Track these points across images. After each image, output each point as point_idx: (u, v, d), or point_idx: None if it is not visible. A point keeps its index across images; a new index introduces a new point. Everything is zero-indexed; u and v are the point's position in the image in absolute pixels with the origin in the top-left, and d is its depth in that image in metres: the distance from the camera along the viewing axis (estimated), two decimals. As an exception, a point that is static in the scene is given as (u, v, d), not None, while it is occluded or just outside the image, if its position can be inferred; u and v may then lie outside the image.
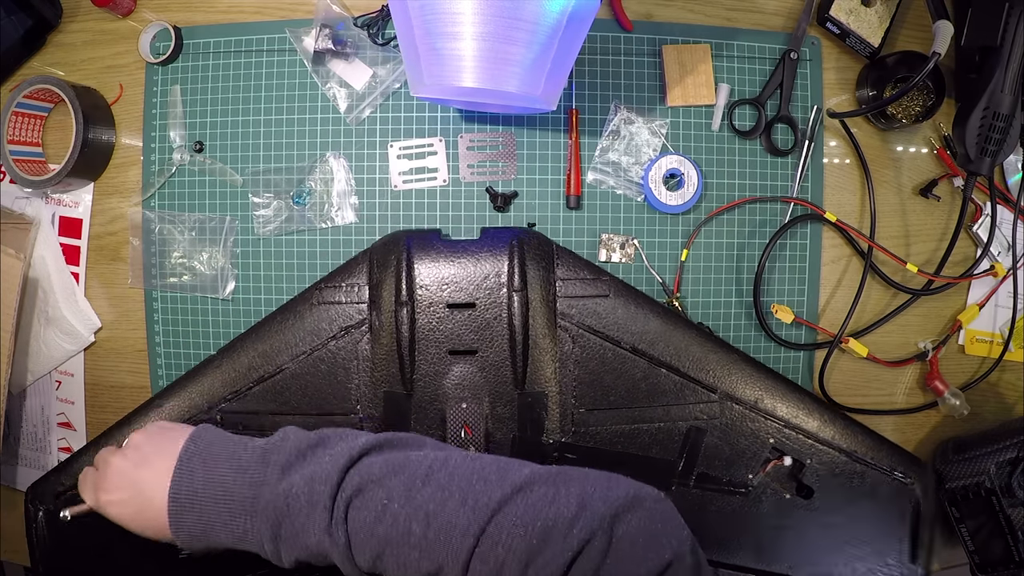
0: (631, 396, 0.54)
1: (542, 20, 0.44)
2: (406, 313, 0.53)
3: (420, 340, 0.53)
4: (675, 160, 0.61)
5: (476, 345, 0.53)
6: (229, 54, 0.63)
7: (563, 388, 0.54)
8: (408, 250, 0.54)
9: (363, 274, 0.55)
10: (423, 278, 0.53)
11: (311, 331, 0.55)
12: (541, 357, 0.54)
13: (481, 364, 0.54)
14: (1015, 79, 0.56)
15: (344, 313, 0.55)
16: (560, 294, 0.55)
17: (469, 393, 0.53)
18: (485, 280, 0.53)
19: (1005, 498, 0.58)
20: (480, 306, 0.53)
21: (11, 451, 0.68)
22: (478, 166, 0.63)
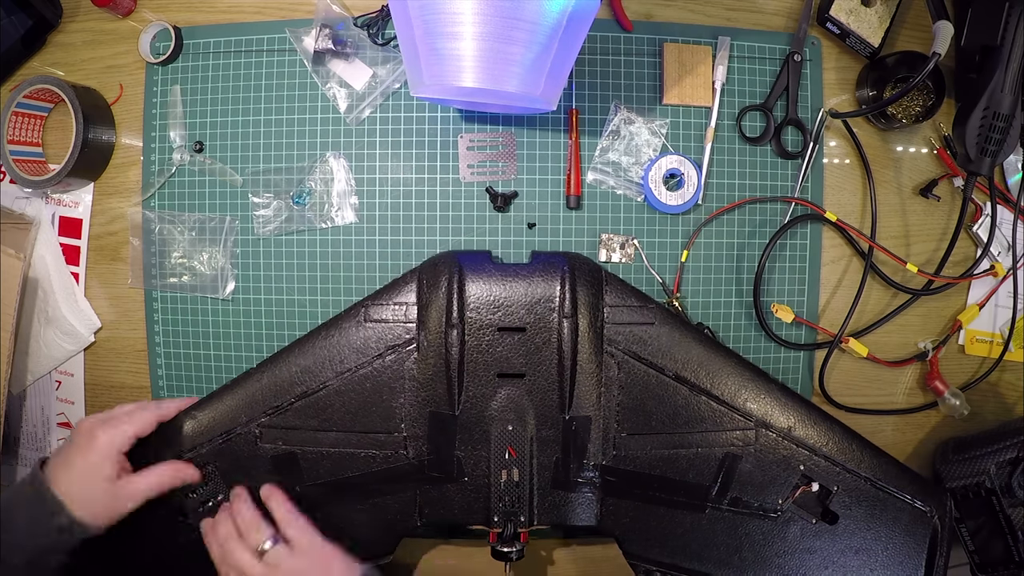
0: (672, 422, 0.55)
1: (542, 20, 0.44)
2: (456, 335, 0.53)
3: (469, 362, 0.54)
4: (675, 160, 0.61)
5: (524, 369, 0.54)
6: (229, 54, 0.63)
7: (606, 412, 0.55)
8: (460, 272, 0.54)
9: (411, 293, 0.55)
10: (474, 300, 0.54)
11: (357, 349, 0.54)
12: (586, 381, 0.54)
13: (528, 387, 0.54)
14: (1015, 79, 0.56)
15: (391, 332, 0.54)
16: (608, 320, 0.55)
17: (515, 415, 0.54)
18: (536, 305, 0.54)
19: (1005, 498, 0.58)
20: (530, 331, 0.54)
21: (11, 451, 0.68)
22: (478, 166, 0.63)
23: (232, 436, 0.54)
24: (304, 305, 0.63)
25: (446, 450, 0.54)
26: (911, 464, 0.68)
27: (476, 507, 0.54)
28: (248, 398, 0.54)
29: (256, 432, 0.54)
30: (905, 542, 0.55)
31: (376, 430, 0.54)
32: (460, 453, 0.54)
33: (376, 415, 0.54)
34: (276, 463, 0.54)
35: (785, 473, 0.55)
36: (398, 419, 0.54)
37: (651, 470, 0.55)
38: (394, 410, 0.54)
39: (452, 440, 0.54)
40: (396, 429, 0.54)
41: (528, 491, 0.54)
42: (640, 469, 0.55)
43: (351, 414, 0.54)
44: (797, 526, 0.55)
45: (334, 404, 0.54)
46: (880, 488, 0.55)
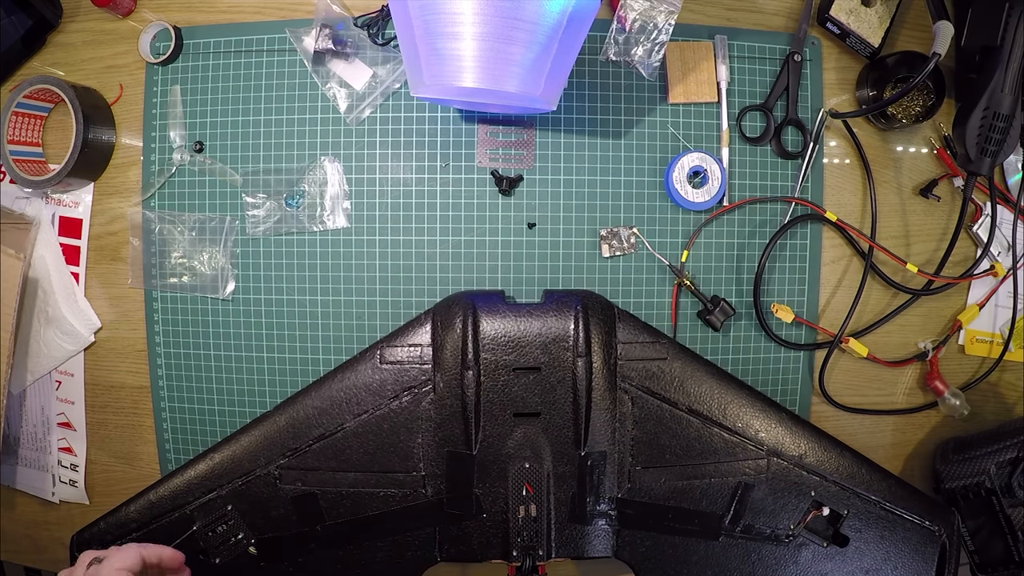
0: (686, 454, 0.56)
1: (542, 20, 0.44)
2: (472, 376, 0.54)
3: (484, 402, 0.54)
4: (697, 158, 0.61)
5: (540, 408, 0.54)
6: (229, 54, 0.63)
7: (621, 447, 0.56)
8: (474, 313, 0.55)
9: (426, 335, 0.56)
10: (489, 342, 0.54)
11: (374, 391, 0.55)
12: (601, 417, 0.55)
13: (545, 426, 0.55)
14: (1015, 79, 0.56)
15: (407, 374, 0.55)
16: (621, 357, 0.56)
17: (531, 453, 0.54)
18: (551, 345, 0.54)
19: (1005, 498, 0.58)
20: (545, 370, 0.54)
21: (11, 451, 0.69)
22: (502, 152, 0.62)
23: (252, 478, 0.54)
24: (304, 305, 0.63)
25: (464, 488, 0.54)
26: (911, 464, 0.68)
27: (495, 542, 0.54)
28: (266, 440, 0.55)
29: (276, 474, 0.55)
30: (914, 561, 0.56)
31: (394, 470, 0.55)
32: (478, 491, 0.54)
33: (394, 455, 0.55)
34: (296, 504, 0.54)
35: (796, 499, 0.56)
36: (416, 459, 0.55)
37: (665, 501, 0.56)
38: (412, 450, 0.55)
39: (470, 478, 0.54)
40: (415, 468, 0.55)
41: (546, 526, 0.54)
42: (655, 501, 0.56)
43: (369, 455, 0.55)
44: (809, 550, 0.55)
45: (352, 445, 0.55)
46: (889, 510, 0.56)
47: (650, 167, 0.63)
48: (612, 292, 0.63)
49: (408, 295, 0.63)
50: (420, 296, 0.63)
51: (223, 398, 0.64)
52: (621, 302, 0.63)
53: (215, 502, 0.54)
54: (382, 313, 0.63)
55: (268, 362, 0.64)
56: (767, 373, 0.65)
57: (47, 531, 0.69)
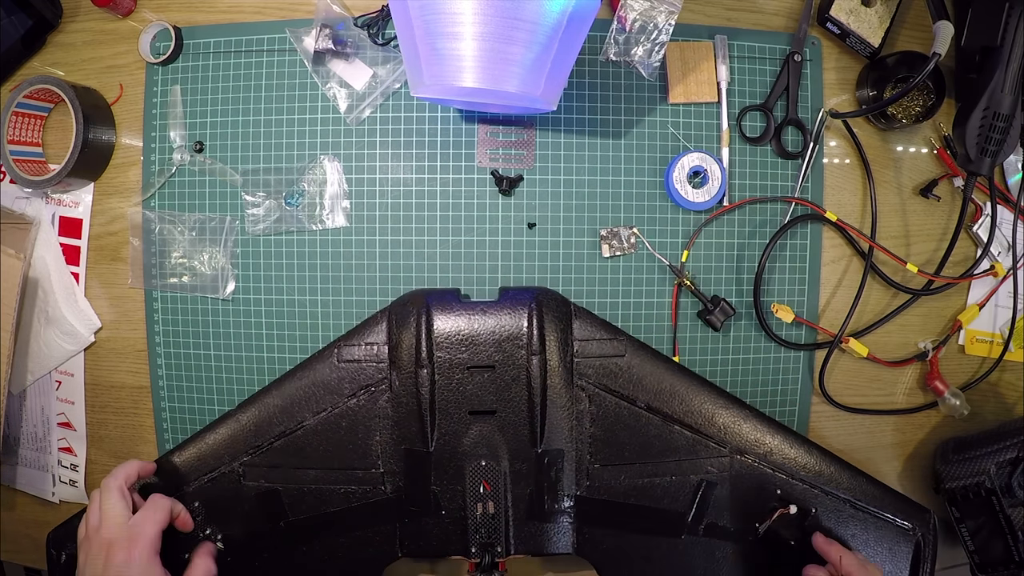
0: (645, 452, 0.56)
1: (542, 20, 0.44)
2: (426, 374, 0.54)
3: (440, 400, 0.54)
4: (697, 157, 0.61)
5: (495, 406, 0.54)
6: (229, 54, 0.63)
7: (579, 445, 0.55)
8: (428, 311, 0.54)
9: (382, 333, 0.56)
10: (443, 340, 0.54)
11: (331, 389, 0.55)
12: (558, 415, 0.55)
13: (500, 423, 0.55)
14: (1015, 79, 0.56)
15: (364, 372, 0.55)
16: (578, 354, 0.56)
17: (487, 451, 0.55)
18: (504, 343, 0.54)
19: (1005, 498, 0.58)
20: (499, 368, 0.54)
21: (11, 451, 0.69)
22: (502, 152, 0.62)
23: (217, 475, 0.55)
24: (304, 305, 0.63)
25: (422, 486, 0.55)
26: (911, 464, 0.68)
27: (454, 539, 0.55)
28: (230, 438, 0.56)
29: (239, 471, 0.55)
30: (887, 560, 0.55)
31: (354, 467, 0.55)
32: (436, 488, 0.55)
33: (353, 453, 0.55)
34: (260, 500, 0.55)
35: (762, 497, 0.55)
36: (375, 456, 0.55)
37: (626, 499, 0.55)
38: (370, 447, 0.55)
39: (427, 476, 0.55)
40: (373, 466, 0.55)
41: (504, 523, 0.55)
42: (615, 498, 0.55)
43: (329, 452, 0.55)
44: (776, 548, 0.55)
45: (312, 443, 0.55)
46: (859, 508, 0.55)
47: (650, 167, 0.63)
48: (612, 292, 0.63)
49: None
50: (420, 296, 0.63)
51: (223, 398, 0.64)
52: (621, 302, 0.63)
53: (184, 499, 0.54)
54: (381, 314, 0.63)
55: (268, 362, 0.64)
56: (767, 373, 0.65)
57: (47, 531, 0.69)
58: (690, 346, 0.64)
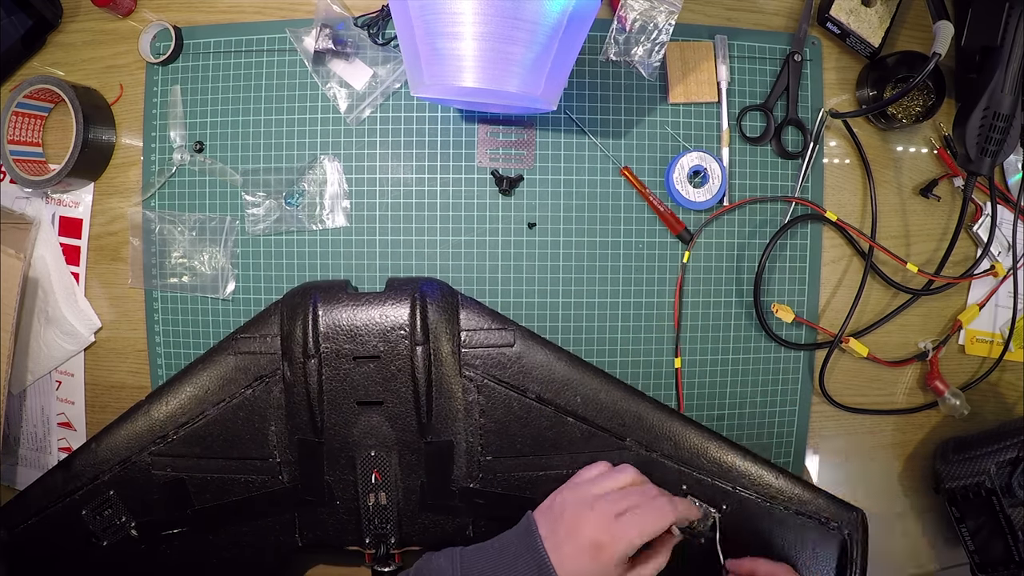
0: (537, 444, 0.55)
1: (542, 20, 0.44)
2: (313, 365, 0.54)
3: (328, 391, 0.54)
4: (696, 157, 0.61)
5: (382, 396, 0.54)
6: (229, 54, 0.63)
7: (469, 436, 0.55)
8: (314, 304, 0.55)
9: (275, 325, 0.56)
10: (329, 331, 0.54)
11: (229, 380, 0.56)
12: (448, 406, 0.55)
13: (388, 414, 0.54)
14: (1015, 79, 0.56)
15: (258, 363, 0.56)
16: (465, 344, 0.55)
17: (377, 441, 0.55)
18: (389, 333, 0.54)
19: (1005, 498, 0.58)
20: (384, 358, 0.54)
21: (11, 451, 0.69)
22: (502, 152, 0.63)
23: (127, 464, 0.56)
24: (304, 305, 0.63)
25: (316, 476, 0.55)
26: (911, 464, 0.68)
27: (349, 529, 0.55)
28: (138, 428, 0.57)
29: (148, 460, 0.56)
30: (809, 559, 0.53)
31: (252, 456, 0.56)
32: (329, 478, 0.55)
33: (251, 442, 0.56)
34: (167, 489, 0.56)
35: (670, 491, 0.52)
36: (271, 446, 0.56)
37: (521, 493, 0.55)
38: (267, 437, 0.56)
39: (320, 466, 0.55)
40: (270, 455, 0.56)
41: (396, 513, 0.55)
42: (510, 492, 0.55)
43: (229, 442, 0.56)
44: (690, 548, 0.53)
45: (213, 433, 0.56)
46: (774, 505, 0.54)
47: (650, 167, 0.63)
48: (612, 292, 0.63)
49: (408, 295, 0.63)
50: (420, 296, 0.63)
51: (223, 398, 0.64)
52: (622, 302, 0.63)
53: (99, 488, 0.55)
54: (382, 313, 0.63)
55: (268, 362, 0.64)
56: (767, 373, 0.65)
57: (47, 531, 0.69)
58: (690, 346, 0.64)
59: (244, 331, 0.57)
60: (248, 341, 0.56)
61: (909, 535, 0.68)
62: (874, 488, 0.68)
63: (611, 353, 0.63)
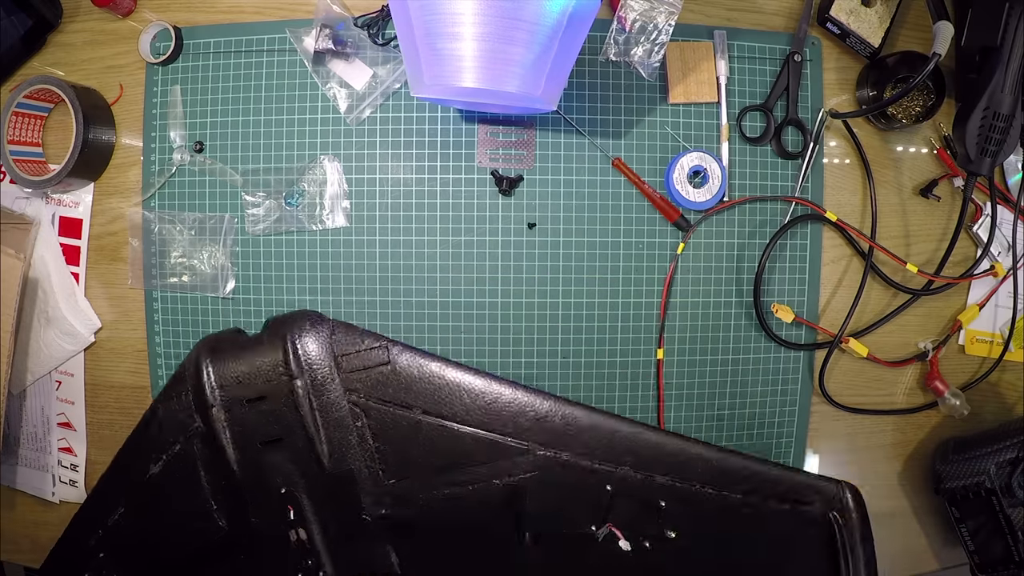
0: (435, 461, 0.53)
1: (542, 20, 0.44)
2: (215, 413, 0.55)
3: (233, 435, 0.55)
4: (696, 157, 0.61)
5: (279, 433, 0.54)
6: (229, 54, 0.63)
7: (369, 462, 0.54)
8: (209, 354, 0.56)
9: (184, 382, 0.57)
10: (221, 379, 0.55)
11: (161, 440, 0.57)
12: (342, 435, 0.54)
13: (289, 450, 0.55)
14: (1015, 79, 0.56)
15: (180, 420, 0.57)
16: (343, 369, 0.55)
17: (284, 478, 0.55)
18: (269, 372, 0.54)
19: (1005, 498, 0.58)
20: (270, 397, 0.54)
21: (11, 451, 0.68)
22: (502, 152, 0.63)
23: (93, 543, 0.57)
24: (304, 305, 0.63)
25: (243, 519, 0.56)
26: (911, 464, 0.68)
27: (286, 567, 0.55)
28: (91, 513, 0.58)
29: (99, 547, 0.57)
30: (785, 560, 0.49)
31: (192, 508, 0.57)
32: (255, 519, 0.55)
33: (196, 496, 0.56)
34: None
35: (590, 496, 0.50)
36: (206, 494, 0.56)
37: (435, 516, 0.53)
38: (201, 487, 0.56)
39: (245, 508, 0.56)
40: (207, 503, 0.56)
41: (320, 547, 0.55)
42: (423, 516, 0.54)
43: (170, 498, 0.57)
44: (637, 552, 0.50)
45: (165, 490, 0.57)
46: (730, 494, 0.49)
47: (650, 167, 0.63)
48: (612, 292, 0.63)
49: (408, 295, 0.63)
50: (420, 296, 0.63)
51: (223, 398, 0.64)
52: (621, 302, 0.63)
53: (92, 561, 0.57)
54: (381, 313, 0.63)
55: (268, 362, 0.64)
56: (767, 373, 0.65)
57: (47, 531, 0.69)
58: (690, 346, 0.64)
59: (165, 391, 0.58)
60: (168, 402, 0.57)
61: (909, 535, 0.68)
62: (874, 488, 0.67)
63: (611, 353, 0.63)
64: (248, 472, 0.55)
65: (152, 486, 0.57)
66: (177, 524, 0.57)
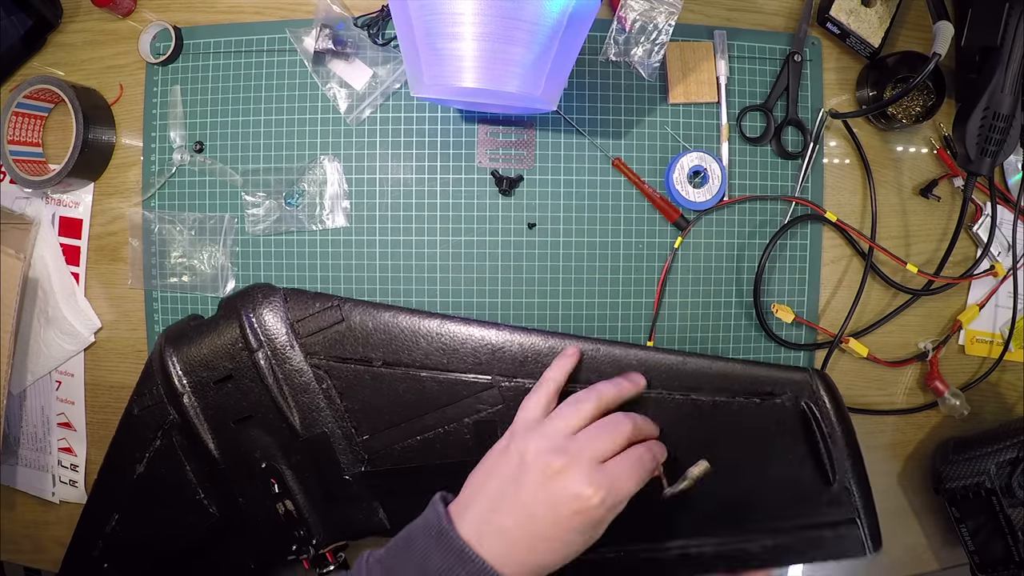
0: (404, 410, 0.54)
1: (542, 20, 0.44)
2: (186, 400, 0.55)
3: (207, 419, 0.56)
4: (696, 157, 0.61)
5: (249, 410, 0.55)
6: (229, 54, 0.63)
7: (341, 422, 0.55)
8: (170, 345, 0.56)
9: (153, 376, 0.58)
10: (186, 365, 0.56)
11: (141, 439, 0.58)
12: (311, 399, 0.55)
13: (261, 424, 0.55)
14: (1015, 79, 0.56)
15: (155, 415, 0.57)
16: (300, 335, 0.55)
17: (262, 453, 0.56)
18: (230, 349, 0.55)
19: (1005, 498, 0.58)
20: (236, 375, 0.55)
21: (11, 451, 0.69)
22: (502, 152, 0.63)
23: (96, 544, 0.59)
24: (304, 305, 0.63)
25: (231, 501, 0.57)
26: (911, 464, 0.68)
27: (280, 542, 0.56)
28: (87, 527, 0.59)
29: None
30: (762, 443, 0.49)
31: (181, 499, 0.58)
32: (242, 500, 0.56)
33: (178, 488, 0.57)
34: None
35: None
36: (194, 485, 0.57)
37: (409, 463, 0.55)
38: (187, 478, 0.57)
39: (230, 491, 0.56)
40: (196, 493, 0.57)
41: (308, 515, 0.56)
42: (399, 465, 0.55)
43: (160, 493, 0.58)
44: None
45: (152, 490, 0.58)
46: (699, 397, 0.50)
47: (650, 167, 0.63)
48: (612, 292, 0.63)
49: (408, 295, 0.63)
50: (420, 296, 0.63)
51: (223, 398, 0.64)
52: (622, 302, 0.63)
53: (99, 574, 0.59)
54: (382, 313, 0.63)
55: (268, 362, 0.64)
56: (767, 373, 0.64)
57: (47, 531, 0.69)
58: (690, 346, 0.64)
59: (136, 390, 0.59)
60: (141, 398, 0.58)
61: (909, 535, 0.68)
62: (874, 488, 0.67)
63: (611, 353, 0.63)
64: (227, 453, 0.56)
65: (141, 487, 0.58)
66: (171, 519, 0.57)
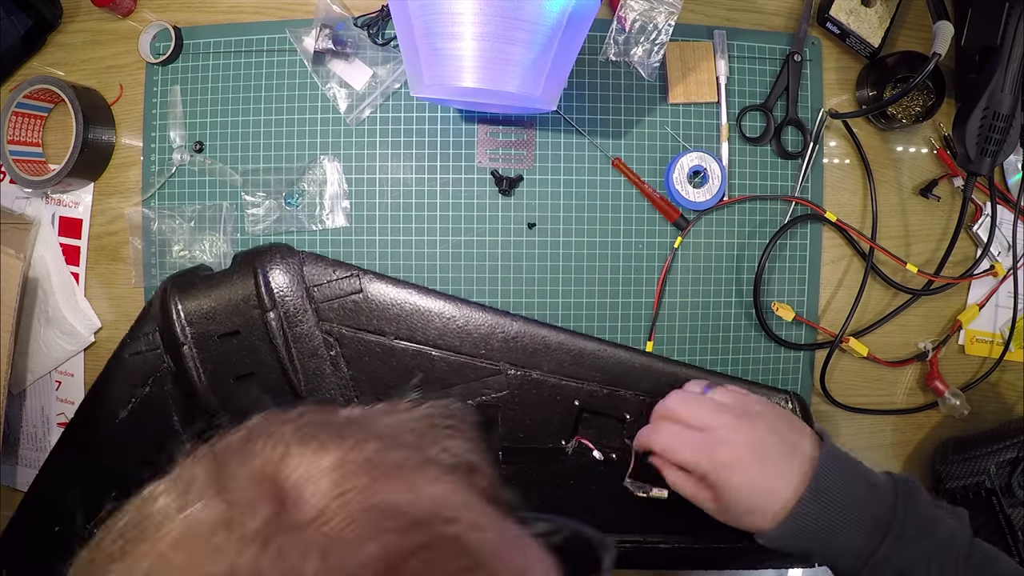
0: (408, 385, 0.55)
1: (542, 20, 0.44)
2: (187, 351, 0.55)
3: (207, 373, 0.55)
4: (696, 157, 0.61)
5: (251, 368, 0.55)
6: (229, 54, 0.63)
7: (344, 391, 0.55)
8: (176, 292, 0.56)
9: (152, 322, 0.57)
10: (191, 316, 0.55)
11: (129, 384, 0.57)
12: (318, 365, 0.55)
13: (263, 384, 0.55)
14: (1015, 79, 0.56)
15: (148, 361, 0.57)
16: (315, 300, 0.55)
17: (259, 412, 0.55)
18: (241, 306, 0.55)
19: (1005, 498, 0.58)
20: (244, 332, 0.55)
21: (11, 451, 0.68)
22: (502, 152, 0.63)
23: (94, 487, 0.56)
24: (304, 305, 0.63)
25: None
26: (911, 464, 0.68)
27: None
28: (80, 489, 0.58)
29: None
30: None
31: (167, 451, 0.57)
32: None
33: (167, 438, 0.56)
34: None
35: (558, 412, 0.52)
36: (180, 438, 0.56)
37: None
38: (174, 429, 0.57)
39: None
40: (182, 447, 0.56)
41: None
42: None
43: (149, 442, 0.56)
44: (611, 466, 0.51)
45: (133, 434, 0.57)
46: None
47: (650, 167, 0.63)
48: (612, 292, 0.63)
49: (408, 295, 0.63)
50: (420, 296, 0.63)
51: (223, 398, 0.64)
52: (622, 302, 0.63)
53: None
54: (382, 313, 0.63)
55: (268, 362, 0.64)
56: (767, 373, 0.65)
57: (47, 531, 0.69)
58: (690, 346, 0.64)
59: (130, 334, 0.58)
60: (134, 343, 0.57)
61: (909, 535, 0.68)
62: (874, 488, 0.68)
63: (611, 353, 0.63)
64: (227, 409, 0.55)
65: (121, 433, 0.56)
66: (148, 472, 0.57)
